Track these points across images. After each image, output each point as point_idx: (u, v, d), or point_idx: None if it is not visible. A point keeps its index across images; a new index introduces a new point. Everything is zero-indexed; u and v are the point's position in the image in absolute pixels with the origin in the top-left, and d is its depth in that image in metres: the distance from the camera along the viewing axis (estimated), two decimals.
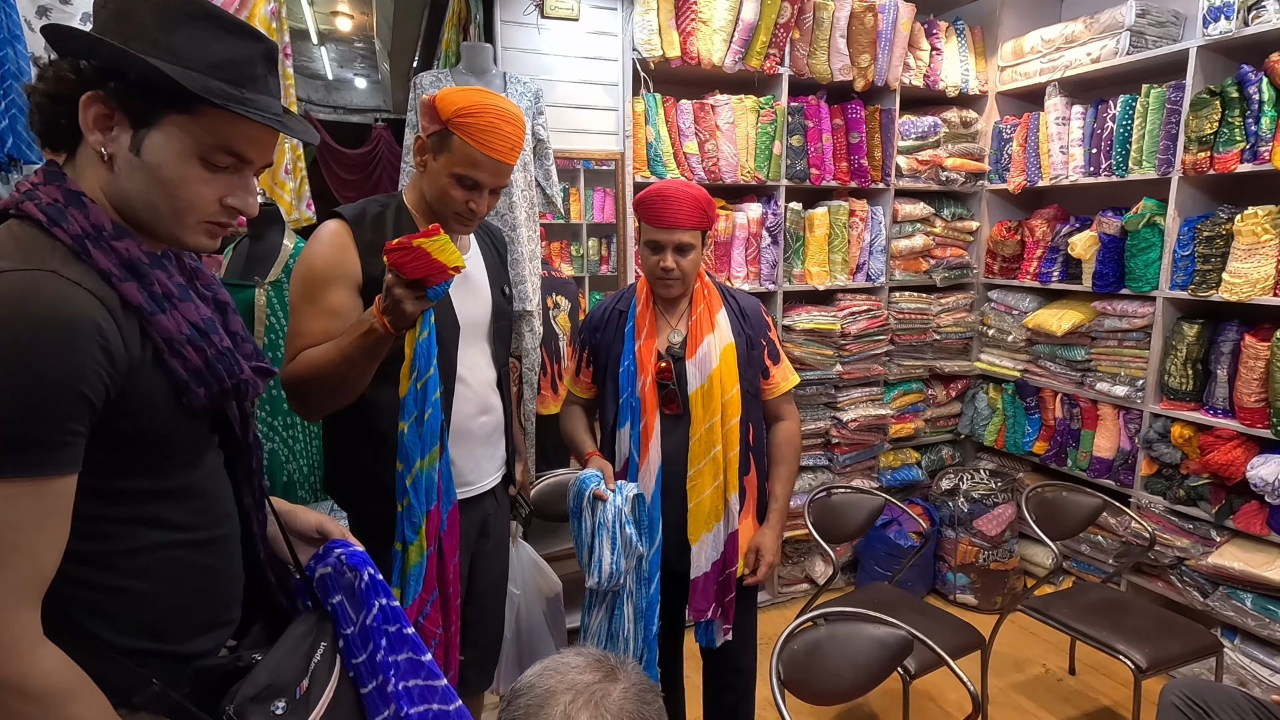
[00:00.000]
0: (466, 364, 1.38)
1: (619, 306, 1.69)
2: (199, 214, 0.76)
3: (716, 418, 1.57)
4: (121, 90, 0.70)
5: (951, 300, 3.19)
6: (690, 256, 1.56)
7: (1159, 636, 1.98)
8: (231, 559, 0.88)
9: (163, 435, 0.76)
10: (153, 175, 0.73)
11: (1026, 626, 2.73)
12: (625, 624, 1.55)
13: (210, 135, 0.73)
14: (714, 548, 1.60)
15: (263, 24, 2.27)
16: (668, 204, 1.53)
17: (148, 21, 0.70)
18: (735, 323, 1.64)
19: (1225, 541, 2.39)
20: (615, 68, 2.54)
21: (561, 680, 0.71)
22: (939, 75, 3.00)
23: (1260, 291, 2.25)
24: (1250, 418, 2.29)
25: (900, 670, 1.82)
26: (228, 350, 0.79)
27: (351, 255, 1.26)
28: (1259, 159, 2.24)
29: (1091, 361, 2.80)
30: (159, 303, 0.73)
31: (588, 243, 2.74)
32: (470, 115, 1.23)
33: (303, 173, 2.43)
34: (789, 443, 1.72)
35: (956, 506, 2.94)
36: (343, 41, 5.49)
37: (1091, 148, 2.77)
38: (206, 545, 0.83)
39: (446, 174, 1.27)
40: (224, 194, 0.77)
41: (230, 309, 0.88)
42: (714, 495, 1.59)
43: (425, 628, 1.28)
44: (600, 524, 1.49)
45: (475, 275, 1.43)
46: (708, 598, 1.61)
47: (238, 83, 0.73)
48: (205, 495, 0.84)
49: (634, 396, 1.59)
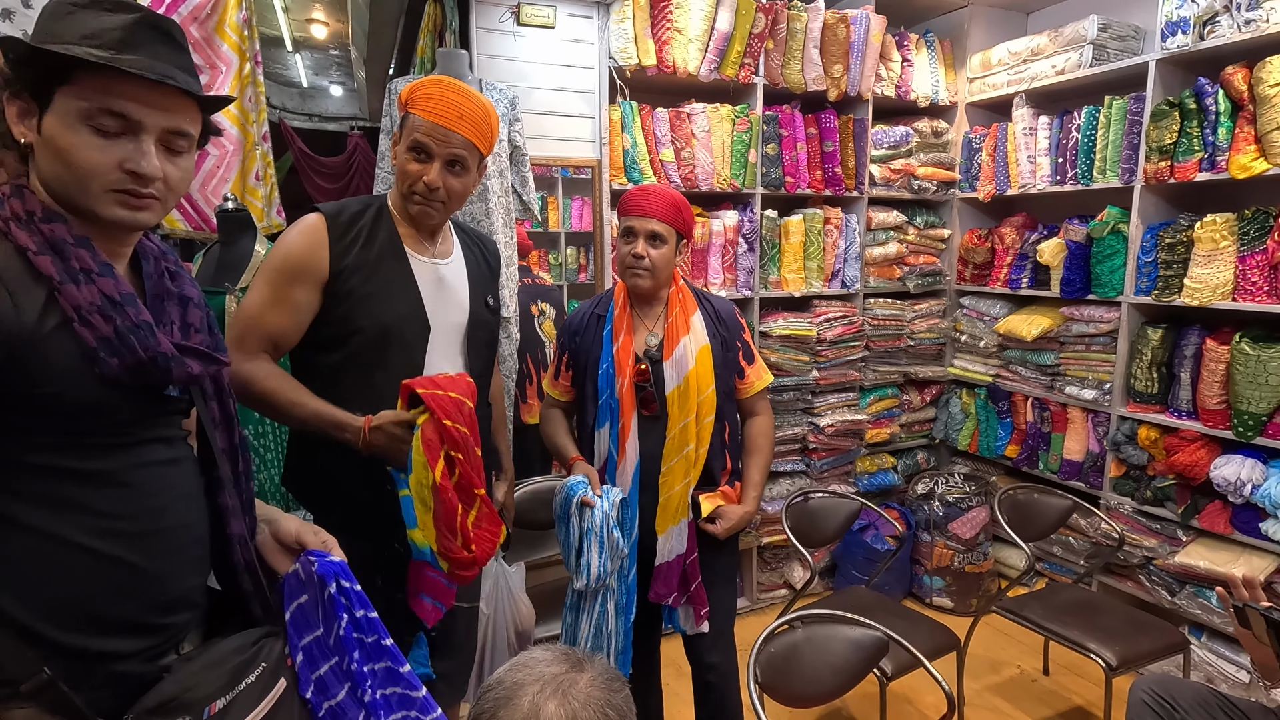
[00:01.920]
0: (433, 367, 1.36)
1: (597, 311, 1.72)
2: (99, 180, 0.78)
3: (691, 417, 1.62)
4: (25, 80, 0.76)
5: (925, 307, 3.24)
6: (662, 250, 1.61)
7: (1129, 635, 2.02)
8: (165, 559, 0.85)
9: (77, 407, 0.78)
10: (52, 149, 0.78)
11: (1001, 628, 2.77)
12: (609, 620, 1.59)
13: (88, 99, 0.77)
14: (679, 540, 1.65)
15: (234, 30, 2.25)
16: (645, 195, 1.62)
17: (47, 16, 0.79)
18: (710, 325, 1.69)
19: (1191, 541, 2.45)
20: (591, 75, 2.56)
21: (529, 673, 0.73)
22: (910, 86, 3.06)
23: (1220, 296, 2.32)
24: (1212, 419, 2.35)
25: (877, 672, 1.83)
26: (144, 324, 0.80)
27: (323, 252, 1.27)
28: (1216, 168, 2.32)
29: (1060, 366, 2.86)
30: (73, 276, 0.77)
31: (566, 251, 2.74)
32: (420, 90, 1.30)
33: (273, 180, 2.41)
34: (763, 435, 1.78)
35: (932, 510, 2.98)
36: (318, 49, 5.46)
37: (1058, 157, 2.84)
38: (126, 539, 0.81)
39: (403, 151, 1.31)
40: (121, 159, 0.79)
41: (193, 304, 0.91)
42: (683, 490, 1.63)
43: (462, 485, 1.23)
44: (589, 529, 1.52)
45: (453, 280, 1.42)
46: (669, 585, 1.65)
47: (108, 46, 0.77)
48: (133, 486, 0.82)
49: (613, 398, 1.62)
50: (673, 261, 1.65)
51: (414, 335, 1.33)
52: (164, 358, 0.81)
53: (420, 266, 1.36)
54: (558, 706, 0.70)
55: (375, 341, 1.29)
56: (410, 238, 1.36)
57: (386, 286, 1.31)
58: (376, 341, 1.29)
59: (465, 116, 1.29)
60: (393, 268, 1.32)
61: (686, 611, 1.70)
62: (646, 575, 1.67)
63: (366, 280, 1.29)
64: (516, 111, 2.29)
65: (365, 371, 1.30)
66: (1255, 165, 2.20)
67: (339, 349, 1.30)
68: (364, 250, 1.30)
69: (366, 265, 1.29)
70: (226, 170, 2.29)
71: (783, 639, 1.53)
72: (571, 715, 0.70)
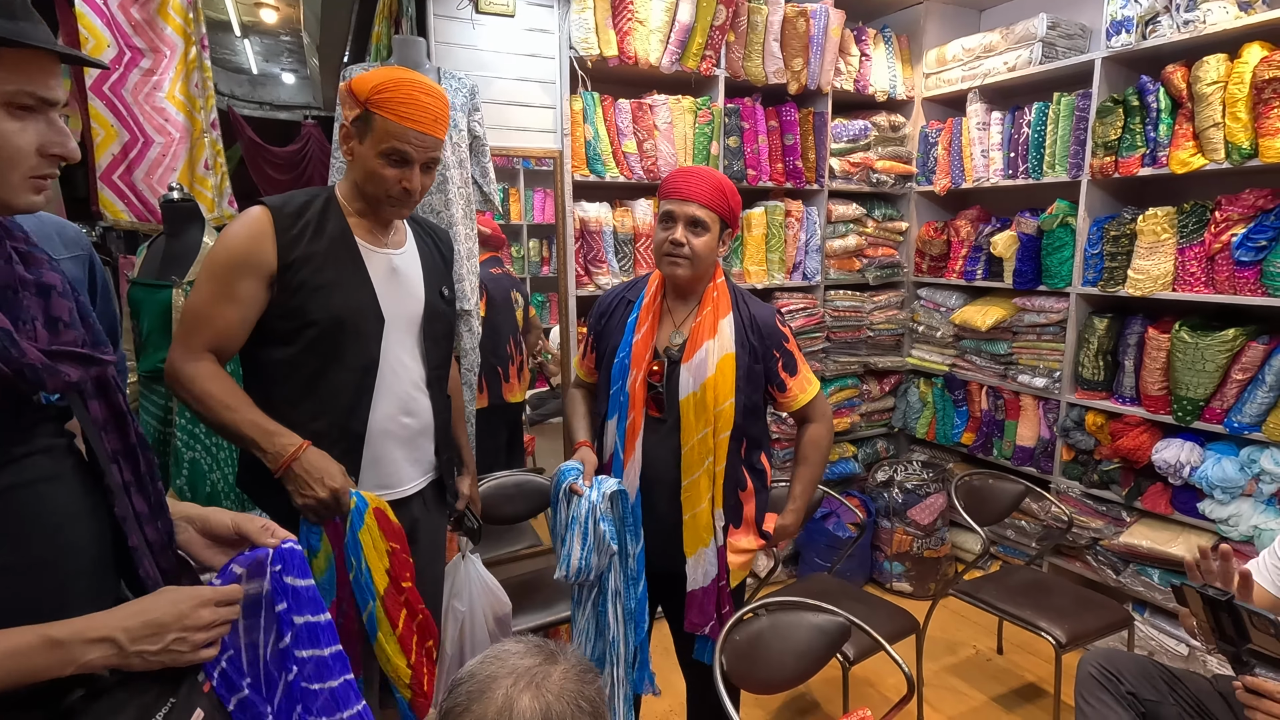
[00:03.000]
0: (389, 361, 1.33)
1: (628, 296, 1.62)
2: (22, 168, 0.72)
3: (709, 429, 1.50)
4: None
5: (884, 298, 3.30)
6: (704, 238, 1.48)
7: (1077, 613, 2.10)
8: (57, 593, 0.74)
9: None
10: None
11: (958, 610, 2.85)
12: (612, 624, 1.52)
13: (7, 80, 0.69)
14: (712, 563, 1.55)
15: (178, 12, 2.16)
16: (687, 177, 1.49)
17: None
18: (741, 332, 1.55)
19: (1135, 522, 2.55)
20: (552, 65, 2.53)
21: (502, 666, 0.72)
22: (868, 80, 3.10)
23: (1161, 287, 2.42)
24: (1154, 405, 2.45)
25: (840, 657, 1.87)
26: (2, 331, 0.68)
27: (268, 244, 1.23)
28: (1158, 163, 2.41)
29: (1013, 355, 2.95)
30: None
31: (528, 244, 2.71)
32: (388, 90, 1.23)
33: (224, 169, 2.33)
34: (812, 444, 1.64)
35: (891, 497, 3.04)
36: (268, 34, 5.27)
37: (1010, 152, 2.91)
38: (13, 575, 0.71)
39: (374, 155, 1.25)
40: (42, 144, 0.73)
41: (56, 292, 0.77)
42: (710, 509, 1.54)
43: (345, 626, 1.22)
44: (573, 518, 1.46)
45: (407, 271, 1.39)
46: (705, 614, 1.56)
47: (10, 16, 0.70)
48: (8, 514, 0.71)
49: (623, 391, 1.53)
50: (715, 251, 1.52)
51: (369, 327, 1.30)
52: (31, 369, 0.69)
53: (373, 257, 1.33)
54: (532, 699, 0.69)
55: (329, 334, 1.26)
56: (361, 228, 1.32)
57: (339, 277, 1.27)
58: (331, 334, 1.26)
59: (439, 119, 1.27)
60: (344, 259, 1.29)
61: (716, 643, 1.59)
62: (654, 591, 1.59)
63: (317, 271, 1.25)
64: (476, 101, 2.26)
65: (320, 366, 1.27)
66: (1193, 160, 2.30)
67: (292, 343, 1.26)
68: (313, 242, 1.26)
69: (317, 256, 1.25)
70: (173, 159, 2.20)
71: (748, 627, 1.55)
72: (546, 708, 0.69)
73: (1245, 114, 2.14)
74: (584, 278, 2.66)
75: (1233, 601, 1.11)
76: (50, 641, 0.69)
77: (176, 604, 0.76)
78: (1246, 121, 2.15)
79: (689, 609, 1.57)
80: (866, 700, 2.39)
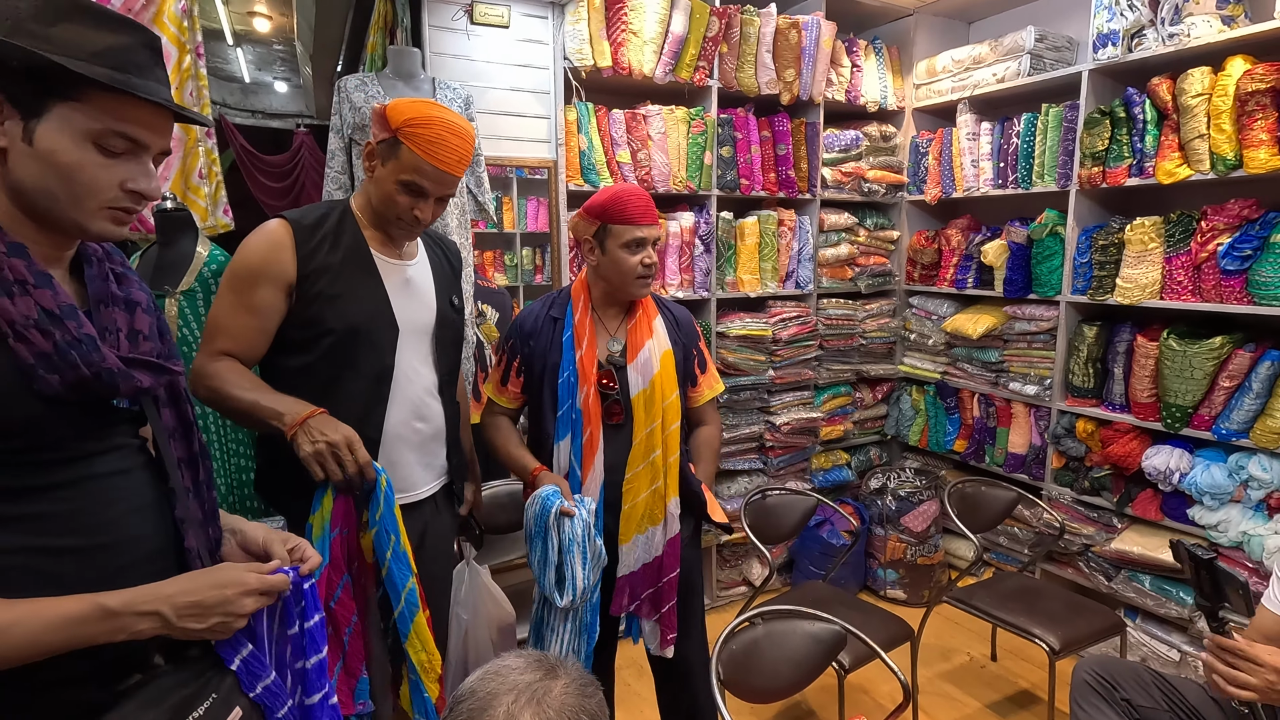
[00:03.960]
0: (403, 368, 1.38)
1: (551, 313, 1.63)
2: (99, 198, 0.78)
3: (657, 422, 1.58)
4: (6, 84, 0.73)
5: (875, 306, 3.32)
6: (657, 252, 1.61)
7: (1070, 619, 2.11)
8: (116, 575, 0.80)
9: (17, 425, 0.75)
10: (47, 163, 0.75)
11: (951, 617, 2.86)
12: (573, 638, 1.53)
13: (99, 120, 0.76)
14: (646, 550, 1.61)
15: (172, 20, 2.16)
16: (642, 201, 1.56)
17: (25, 17, 0.74)
18: (671, 330, 1.67)
19: (1126, 528, 2.57)
20: (546, 76, 2.54)
21: (503, 682, 0.72)
22: (860, 91, 3.13)
23: (1149, 295, 2.45)
24: (1144, 412, 2.48)
25: (835, 665, 1.87)
26: (86, 337, 0.77)
27: (287, 255, 1.28)
28: (1144, 174, 2.44)
29: (1004, 363, 2.97)
30: (6, 288, 0.74)
31: (521, 252, 2.72)
32: (419, 126, 1.27)
33: (219, 177, 2.32)
34: (708, 444, 1.75)
35: (885, 505, 3.05)
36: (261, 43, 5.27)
37: (999, 162, 2.95)
38: (73, 555, 0.78)
39: (393, 180, 1.30)
40: (124, 179, 0.79)
41: (141, 308, 0.87)
42: (650, 499, 1.59)
43: (337, 612, 1.21)
44: (570, 540, 1.44)
45: (420, 281, 1.44)
46: (632, 596, 1.62)
47: (121, 68, 0.77)
48: (78, 500, 0.79)
49: (575, 409, 1.56)
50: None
51: (383, 336, 1.34)
52: (109, 373, 0.78)
53: (387, 268, 1.38)
54: (533, 715, 0.69)
55: (345, 342, 1.30)
56: (376, 240, 1.38)
57: (354, 287, 1.32)
58: (346, 342, 1.30)
59: (463, 160, 1.32)
60: (359, 270, 1.34)
61: (654, 629, 1.65)
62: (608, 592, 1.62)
63: (334, 282, 1.30)
64: (471, 111, 2.27)
65: (335, 373, 1.31)
66: (1179, 171, 2.33)
67: (308, 351, 1.30)
68: (330, 253, 1.31)
69: (333, 268, 1.31)
70: (166, 168, 2.19)
71: (743, 636, 1.55)
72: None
73: (1229, 125, 2.18)
74: None
75: (1214, 562, 1.18)
76: (105, 610, 0.75)
77: (223, 587, 0.81)
78: (1231, 133, 2.18)
79: (617, 592, 1.60)
80: (862, 708, 2.39)
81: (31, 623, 0.72)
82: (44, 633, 0.72)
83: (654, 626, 1.66)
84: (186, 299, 1.88)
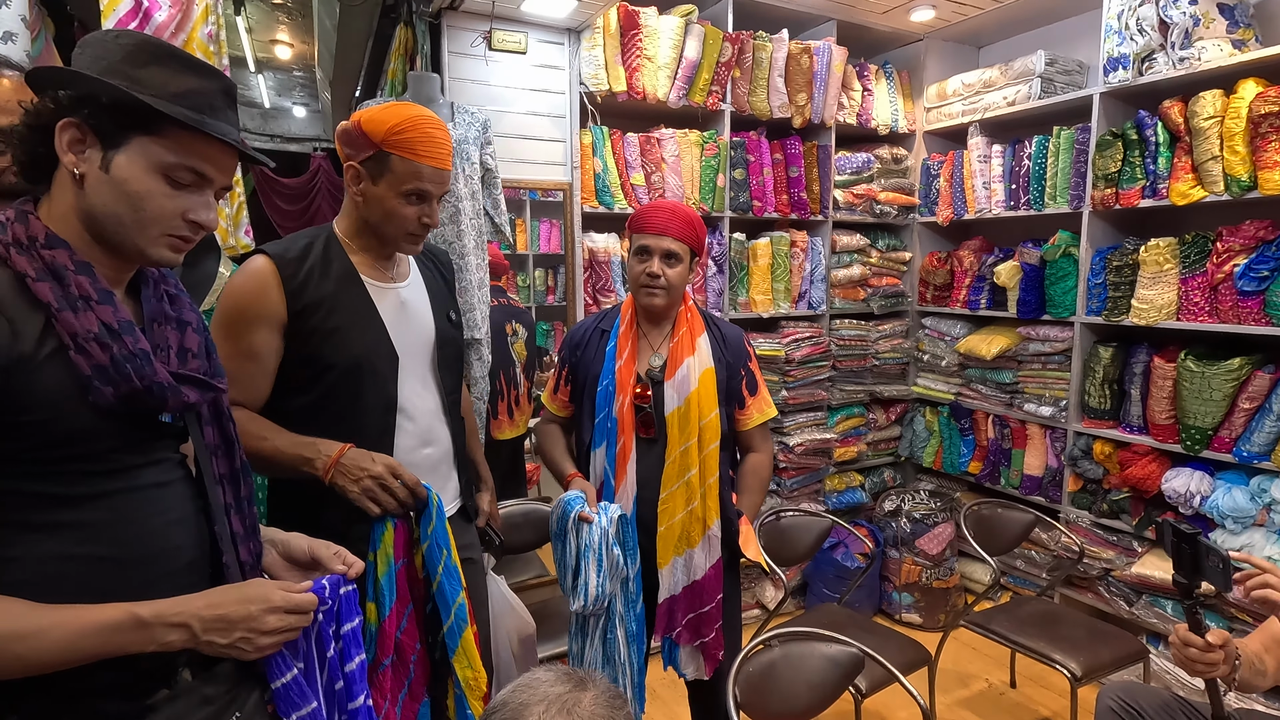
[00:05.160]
0: (407, 395, 1.33)
1: (602, 326, 1.67)
2: (162, 226, 0.83)
3: (693, 441, 1.55)
4: (93, 115, 0.79)
5: (888, 327, 3.32)
6: (677, 269, 1.56)
7: (1091, 645, 2.07)
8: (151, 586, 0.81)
9: (69, 435, 0.77)
10: (119, 190, 0.81)
11: (968, 642, 2.81)
12: (619, 649, 1.52)
13: (173, 153, 0.82)
14: (685, 573, 1.57)
15: (200, 47, 2.22)
16: (659, 212, 1.57)
17: (118, 59, 0.81)
18: (717, 349, 1.63)
19: (1146, 552, 2.53)
20: (563, 100, 2.59)
21: (534, 694, 0.74)
22: (871, 114, 3.17)
23: (1165, 316, 2.44)
24: (1162, 434, 2.45)
25: (852, 689, 1.84)
26: (141, 352, 0.80)
27: (275, 295, 1.21)
28: (1158, 195, 2.45)
29: (1019, 384, 2.95)
30: (71, 303, 0.78)
31: (534, 273, 2.75)
32: (404, 131, 1.23)
33: (240, 198, 2.37)
34: (754, 473, 1.70)
35: (899, 527, 3.03)
36: (281, 70, 5.41)
37: (1011, 184, 2.96)
38: (109, 564, 0.79)
39: (394, 195, 1.25)
40: (186, 209, 0.84)
41: (191, 328, 0.91)
42: (686, 520, 1.56)
43: (404, 641, 1.23)
44: (586, 546, 1.45)
45: (415, 302, 1.39)
46: (671, 622, 1.59)
47: (198, 109, 0.83)
48: (119, 510, 0.81)
49: (610, 417, 1.56)
50: (687, 280, 1.60)
51: (384, 366, 1.30)
52: (159, 387, 0.81)
53: (380, 294, 1.32)
54: None
55: (347, 377, 1.26)
56: (365, 265, 1.32)
57: (350, 319, 1.26)
58: (349, 377, 1.26)
59: (450, 152, 1.30)
60: (353, 299, 1.28)
61: (692, 655, 1.62)
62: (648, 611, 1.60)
63: (328, 316, 1.24)
64: (488, 135, 2.31)
65: (339, 409, 1.26)
66: (1193, 193, 2.34)
67: (311, 389, 1.25)
68: (320, 285, 1.25)
69: (326, 300, 1.25)
70: None
71: (760, 658, 1.54)
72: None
73: (1243, 147, 2.19)
74: (593, 306, 2.68)
75: (1197, 538, 1.19)
76: (137, 621, 0.77)
77: (248, 604, 0.82)
78: (1245, 154, 2.19)
79: (658, 617, 1.59)
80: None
81: (66, 629, 0.73)
82: (78, 639, 0.74)
83: (692, 653, 1.62)
84: (208, 318, 1.90)
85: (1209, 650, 1.22)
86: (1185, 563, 1.21)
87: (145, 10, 1.94)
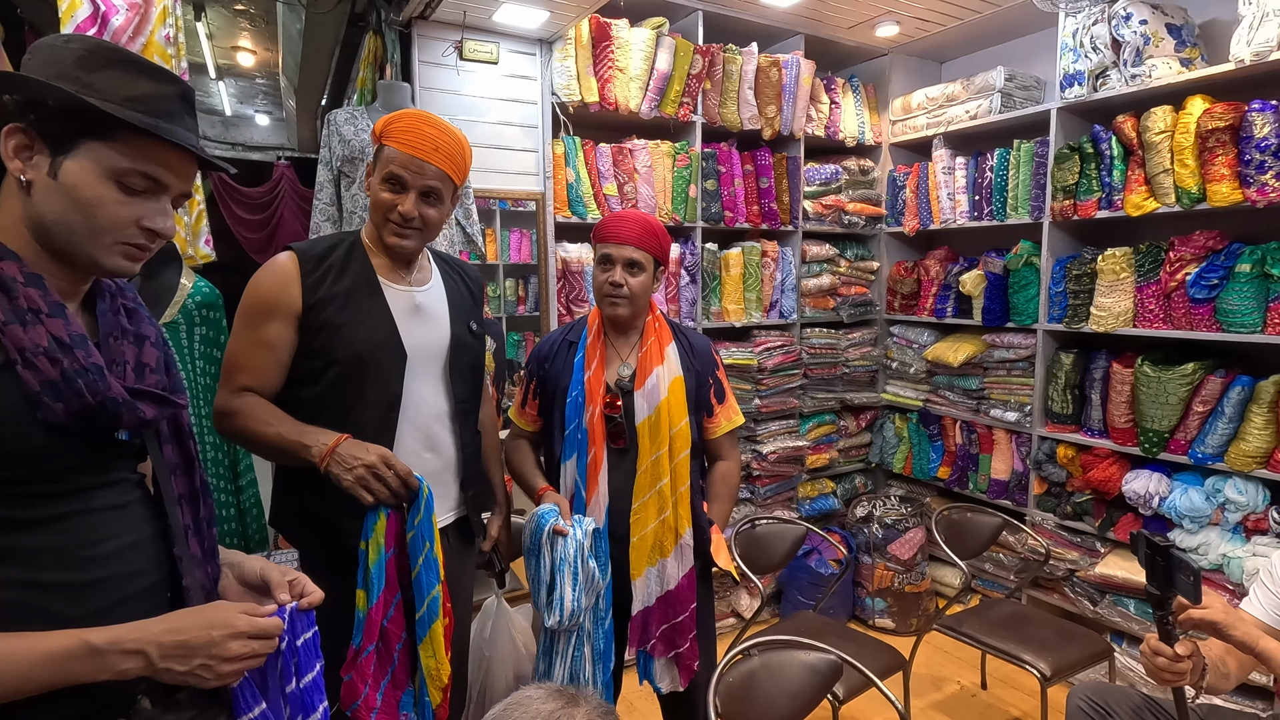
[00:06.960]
0: (413, 396, 1.36)
1: (569, 338, 1.67)
2: (115, 234, 0.80)
3: (664, 450, 1.56)
4: (41, 121, 0.77)
5: (858, 335, 3.38)
6: (640, 278, 1.57)
7: (1059, 645, 2.12)
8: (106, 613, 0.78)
9: (19, 454, 0.75)
10: (69, 197, 0.78)
11: (940, 645, 2.85)
12: (585, 666, 1.50)
13: (126, 159, 0.79)
14: (659, 583, 1.58)
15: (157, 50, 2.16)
16: (621, 221, 1.58)
17: (69, 64, 0.78)
18: (685, 357, 1.65)
19: (1109, 552, 2.60)
20: (535, 110, 2.58)
21: (525, 712, 0.73)
22: (838, 126, 3.23)
23: (1122, 323, 2.52)
24: (1122, 437, 2.53)
25: (830, 696, 1.85)
26: (94, 366, 0.78)
27: (294, 289, 1.28)
28: (1114, 206, 2.53)
29: (985, 390, 3.02)
30: (20, 315, 0.75)
31: (504, 283, 2.73)
32: (395, 122, 1.31)
33: (200, 207, 2.31)
34: (724, 481, 1.72)
35: (871, 533, 3.06)
36: (243, 77, 5.29)
37: (974, 195, 3.04)
38: (61, 591, 0.76)
39: (378, 182, 1.32)
40: (141, 216, 0.81)
41: (150, 342, 0.88)
42: (659, 530, 1.56)
43: (390, 629, 1.24)
44: (561, 560, 1.43)
45: (431, 306, 1.42)
46: (646, 634, 1.59)
47: (153, 114, 0.80)
48: (72, 534, 0.78)
49: (581, 428, 1.56)
50: (650, 289, 1.61)
51: (390, 363, 1.33)
52: (113, 402, 0.78)
53: (395, 294, 1.36)
54: None
55: (352, 371, 1.29)
56: (385, 268, 1.37)
57: (360, 315, 1.31)
58: (353, 371, 1.30)
59: (440, 149, 1.32)
60: (366, 297, 1.33)
61: (667, 666, 1.61)
62: (619, 624, 1.59)
63: (340, 310, 1.30)
64: None
65: (345, 403, 1.30)
66: (1147, 204, 2.42)
67: (317, 381, 1.30)
68: (336, 283, 1.32)
69: (339, 296, 1.31)
70: None
71: (740, 667, 1.54)
72: None
73: (1192, 160, 2.28)
74: (566, 316, 2.67)
75: (1170, 550, 1.21)
76: (90, 649, 0.73)
77: (210, 629, 0.78)
78: (1194, 168, 2.28)
79: (631, 629, 1.58)
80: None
81: (16, 659, 0.69)
82: (30, 669, 0.70)
83: (667, 665, 1.61)
84: (169, 331, 1.85)
85: (1178, 660, 1.24)
86: (1158, 575, 1.22)
87: (103, 15, 1.89)
